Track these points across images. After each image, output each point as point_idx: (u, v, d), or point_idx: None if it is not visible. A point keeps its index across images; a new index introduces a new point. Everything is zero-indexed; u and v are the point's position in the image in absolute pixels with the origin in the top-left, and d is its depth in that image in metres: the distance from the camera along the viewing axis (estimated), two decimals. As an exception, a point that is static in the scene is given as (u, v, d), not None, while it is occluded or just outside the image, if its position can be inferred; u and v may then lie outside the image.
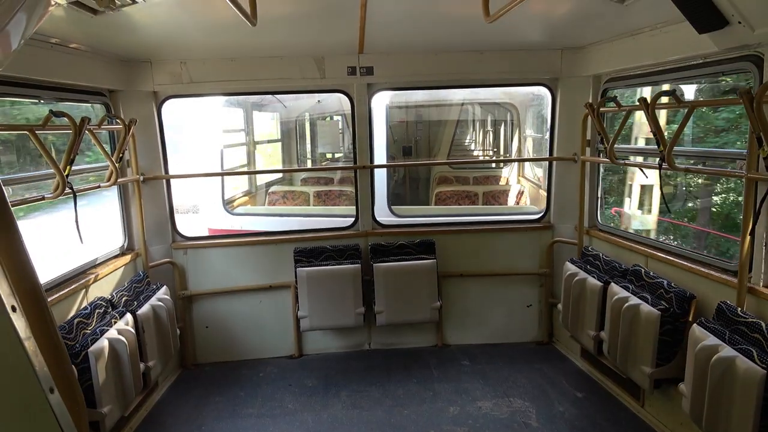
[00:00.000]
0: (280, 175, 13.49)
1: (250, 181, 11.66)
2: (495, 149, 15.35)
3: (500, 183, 12.94)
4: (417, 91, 9.99)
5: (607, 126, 6.09)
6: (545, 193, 7.50)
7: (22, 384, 1.36)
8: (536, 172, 11.87)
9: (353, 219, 7.13)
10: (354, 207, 7.16)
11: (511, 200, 11.14)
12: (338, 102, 12.36)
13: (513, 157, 12.83)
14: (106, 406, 4.59)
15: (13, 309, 1.33)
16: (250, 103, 11.54)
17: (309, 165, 14.66)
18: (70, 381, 1.52)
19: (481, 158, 16.17)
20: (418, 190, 13.92)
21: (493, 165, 14.67)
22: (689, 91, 7.56)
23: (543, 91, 7.08)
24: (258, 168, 12.72)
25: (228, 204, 9.96)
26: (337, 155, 14.84)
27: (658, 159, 4.84)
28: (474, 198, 11.09)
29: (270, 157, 13.97)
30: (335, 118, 14.37)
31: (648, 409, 5.37)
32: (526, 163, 12.39)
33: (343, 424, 5.51)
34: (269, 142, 13.86)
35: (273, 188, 11.71)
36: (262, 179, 12.38)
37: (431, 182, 13.01)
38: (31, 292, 1.42)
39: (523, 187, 11.43)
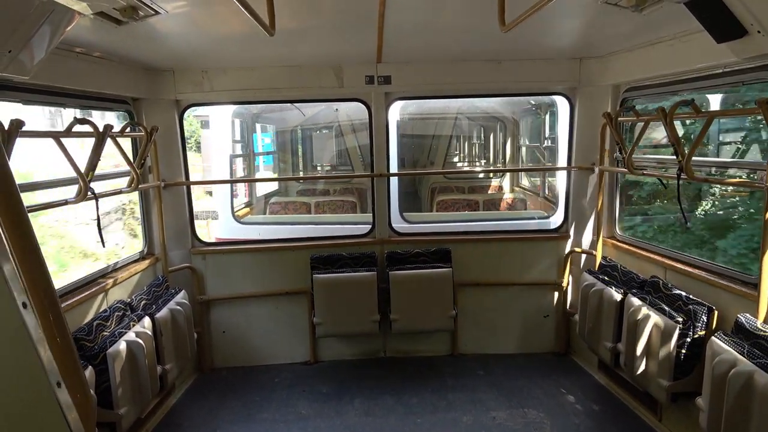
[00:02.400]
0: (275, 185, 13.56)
1: (250, 192, 11.73)
2: (486, 160, 15.37)
3: (495, 191, 12.97)
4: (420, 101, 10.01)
5: (627, 136, 6.03)
6: (544, 200, 7.47)
7: (29, 377, 1.42)
8: (534, 181, 11.87)
9: (369, 227, 7.16)
10: (370, 215, 7.20)
11: (509, 208, 11.18)
12: (333, 114, 12.44)
13: (527, 166, 12.70)
14: (123, 408, 4.68)
15: (24, 306, 1.38)
16: (251, 114, 11.62)
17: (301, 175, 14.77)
18: (78, 376, 1.57)
19: (492, 168, 16.07)
20: (414, 200, 13.88)
21: (491, 174, 14.60)
22: (715, 102, 7.44)
23: (540, 102, 7.06)
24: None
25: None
26: (326, 167, 14.92)
27: (676, 169, 4.78)
28: (475, 206, 11.09)
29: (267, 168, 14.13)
30: (325, 130, 14.46)
31: (665, 424, 5.28)
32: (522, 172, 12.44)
33: None
34: (265, 153, 14.02)
35: (274, 199, 11.76)
36: (260, 191, 12.47)
37: (426, 192, 12.97)
38: (42, 291, 1.47)
39: (522, 195, 11.42)
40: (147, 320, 5.30)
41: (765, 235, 4.12)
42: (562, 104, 7.30)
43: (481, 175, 14.73)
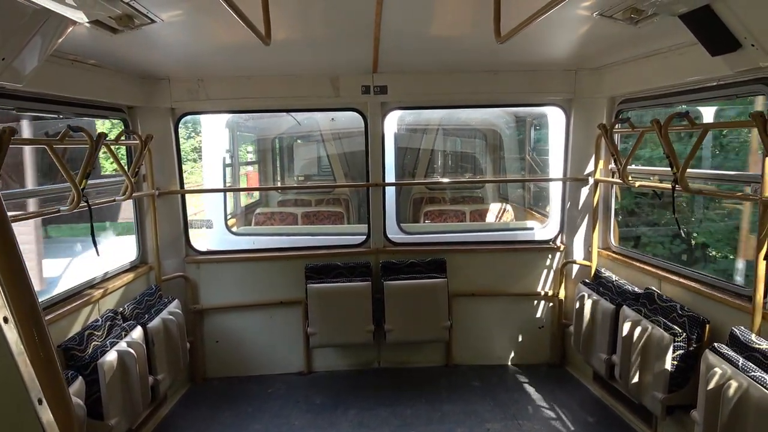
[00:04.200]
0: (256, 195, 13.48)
1: (234, 203, 11.57)
2: (469, 171, 15.40)
3: (478, 202, 13.00)
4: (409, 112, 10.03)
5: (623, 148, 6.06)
6: (529, 211, 7.43)
7: (9, 395, 1.38)
8: (520, 192, 11.99)
9: (364, 237, 7.14)
10: (363, 225, 7.17)
11: (493, 218, 11.24)
12: (317, 123, 12.41)
13: (519, 177, 12.65)
14: (114, 419, 4.61)
15: (5, 320, 1.35)
16: (235, 123, 11.56)
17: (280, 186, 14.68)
18: (62, 392, 1.54)
19: (488, 179, 16.00)
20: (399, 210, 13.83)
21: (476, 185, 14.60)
22: (708, 114, 7.47)
23: (526, 113, 7.06)
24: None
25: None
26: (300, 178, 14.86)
27: (671, 181, 4.80)
28: (462, 216, 11.10)
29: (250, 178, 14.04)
30: (303, 139, 14.36)
31: None
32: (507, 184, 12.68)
33: None
34: (249, 163, 13.91)
35: (259, 210, 11.65)
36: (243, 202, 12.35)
37: (408, 203, 12.93)
38: (25, 304, 1.44)
39: (507, 206, 11.47)
40: (139, 330, 5.25)
41: (759, 248, 4.12)
42: (553, 116, 7.34)
43: (458, 187, 14.70)
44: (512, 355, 7.24)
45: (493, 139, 13.13)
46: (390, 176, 7.37)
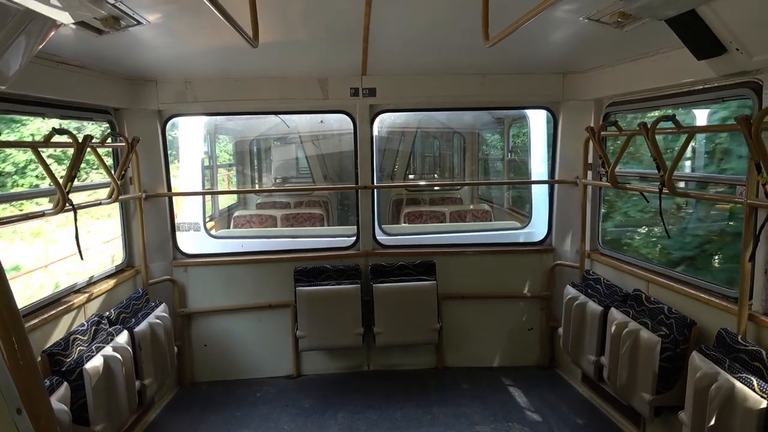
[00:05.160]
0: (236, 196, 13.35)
1: (212, 206, 11.43)
2: (446, 173, 15.48)
3: (456, 203, 13.11)
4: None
5: (611, 150, 6.09)
6: (510, 212, 7.41)
7: None
8: (498, 193, 12.08)
9: (348, 238, 7.12)
10: (350, 227, 7.14)
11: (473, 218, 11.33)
12: (295, 126, 12.37)
13: (504, 180, 12.62)
14: (99, 424, 4.55)
15: None
16: (213, 125, 11.39)
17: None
18: (43, 401, 1.50)
19: (476, 182, 15.93)
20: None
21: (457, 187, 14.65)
22: (701, 117, 7.48)
23: (504, 115, 7.08)
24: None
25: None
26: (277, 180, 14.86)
27: (658, 183, 4.83)
28: (441, 217, 11.14)
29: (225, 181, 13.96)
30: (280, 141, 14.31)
31: None
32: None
33: None
34: (229, 165, 13.81)
35: (238, 212, 11.53)
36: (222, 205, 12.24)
37: (388, 204, 12.94)
38: (3, 310, 1.41)
39: (487, 207, 11.52)
40: (125, 334, 5.18)
41: (744, 250, 4.16)
42: (534, 117, 7.36)
43: (437, 188, 14.73)
44: (502, 357, 7.25)
45: (472, 141, 13.21)
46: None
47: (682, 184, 5.53)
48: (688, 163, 7.91)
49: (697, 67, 4.18)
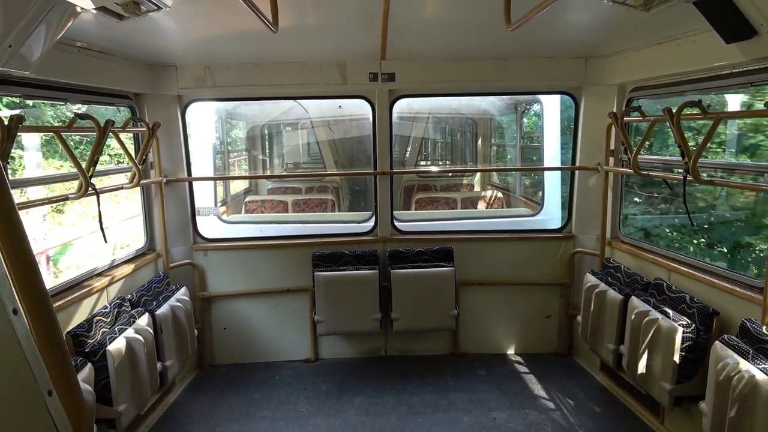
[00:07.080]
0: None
1: (224, 191, 11.41)
2: (458, 160, 15.33)
3: (466, 189, 12.99)
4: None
5: (632, 136, 5.98)
6: (520, 197, 7.32)
7: (19, 385, 1.38)
8: (505, 179, 12.01)
9: (372, 225, 7.13)
10: (359, 213, 7.12)
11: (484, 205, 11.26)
12: (303, 112, 12.30)
13: (521, 167, 12.41)
14: (122, 405, 4.66)
15: (15, 312, 1.34)
16: (224, 110, 11.39)
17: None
18: (72, 383, 1.53)
19: (492, 168, 15.73)
20: (360, 200, 13.71)
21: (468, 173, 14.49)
22: (734, 102, 7.28)
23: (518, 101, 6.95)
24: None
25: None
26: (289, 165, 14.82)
27: (683, 170, 4.74)
28: (453, 204, 11.07)
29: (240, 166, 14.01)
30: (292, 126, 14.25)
31: (667, 427, 5.24)
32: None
33: (356, 431, 5.49)
34: (245, 150, 13.83)
35: (249, 198, 11.57)
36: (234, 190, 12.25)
37: (399, 191, 12.84)
38: (35, 296, 1.43)
39: (499, 194, 11.41)
40: (147, 317, 5.28)
41: None
42: (548, 103, 7.22)
43: (451, 174, 14.57)
44: (519, 344, 7.23)
45: (484, 127, 13.05)
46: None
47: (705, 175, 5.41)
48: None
49: (726, 51, 4.05)
